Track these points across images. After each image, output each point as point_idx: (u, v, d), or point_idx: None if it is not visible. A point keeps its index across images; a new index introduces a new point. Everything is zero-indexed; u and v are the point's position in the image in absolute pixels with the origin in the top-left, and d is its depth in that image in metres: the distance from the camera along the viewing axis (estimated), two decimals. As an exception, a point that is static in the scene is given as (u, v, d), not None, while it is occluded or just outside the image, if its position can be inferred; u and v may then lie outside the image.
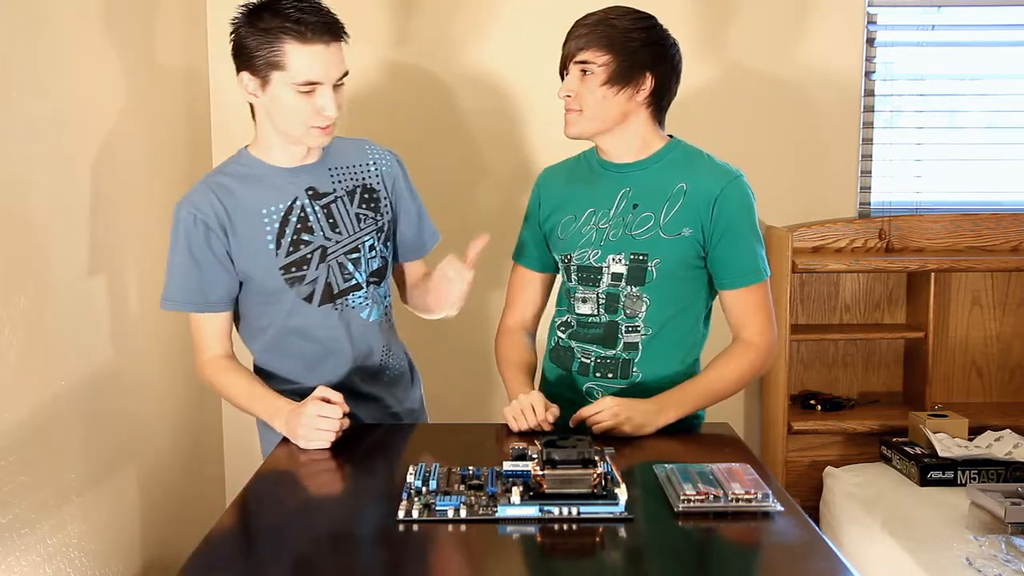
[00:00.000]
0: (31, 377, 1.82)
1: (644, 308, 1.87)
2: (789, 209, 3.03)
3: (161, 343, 2.50)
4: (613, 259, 1.87)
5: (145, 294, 2.41)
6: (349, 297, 1.88)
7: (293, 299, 1.84)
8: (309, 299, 1.84)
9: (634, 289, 1.86)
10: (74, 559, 1.97)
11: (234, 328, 1.94)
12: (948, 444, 2.68)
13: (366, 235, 1.89)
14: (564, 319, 1.98)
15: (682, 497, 1.43)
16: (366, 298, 1.90)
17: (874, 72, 3.02)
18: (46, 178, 1.90)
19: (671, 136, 1.95)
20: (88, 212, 2.09)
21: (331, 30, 1.72)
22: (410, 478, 1.50)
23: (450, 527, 1.38)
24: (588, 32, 1.83)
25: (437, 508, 1.40)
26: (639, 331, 1.87)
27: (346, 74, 1.77)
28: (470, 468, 1.55)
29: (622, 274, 1.87)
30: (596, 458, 1.44)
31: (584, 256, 1.90)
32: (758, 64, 2.97)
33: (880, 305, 3.08)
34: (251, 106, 1.83)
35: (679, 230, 1.84)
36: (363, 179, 1.91)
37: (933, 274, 2.90)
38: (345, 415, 1.70)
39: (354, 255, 1.87)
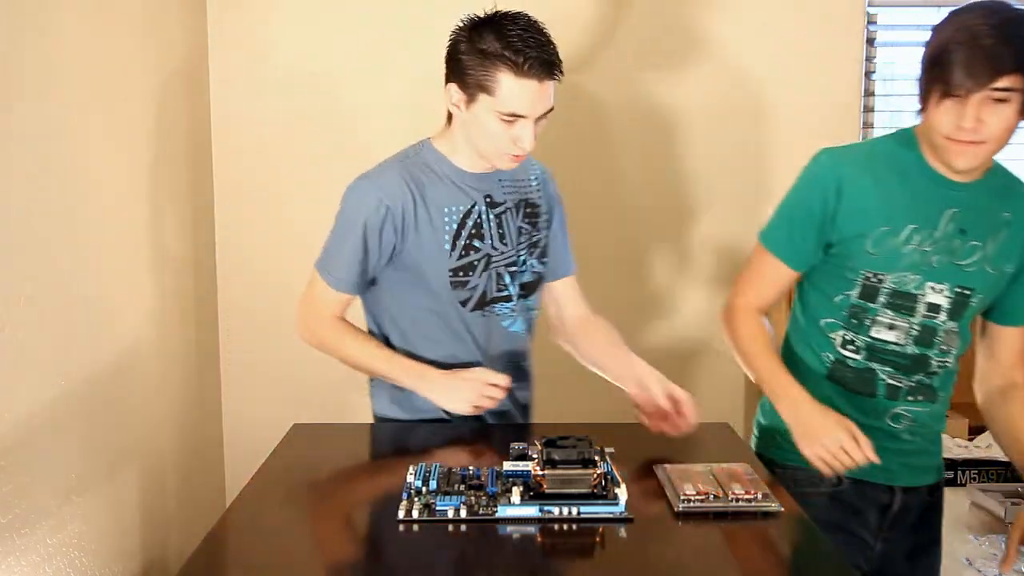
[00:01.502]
0: (31, 377, 1.82)
1: (957, 342, 1.75)
2: (789, 209, 3.03)
3: (162, 343, 2.50)
4: (932, 288, 1.69)
5: (145, 294, 2.41)
6: (497, 306, 1.88)
7: (451, 300, 1.84)
8: (464, 303, 1.85)
9: (952, 324, 1.72)
10: (74, 559, 1.97)
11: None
12: (948, 444, 2.68)
13: (524, 249, 1.90)
14: (848, 337, 1.76)
15: (682, 497, 1.43)
16: (513, 310, 1.90)
17: (874, 72, 3.02)
18: (46, 179, 1.90)
19: None
20: (88, 213, 2.09)
21: (548, 68, 1.68)
22: (410, 478, 1.50)
23: (450, 527, 1.38)
24: (1008, 51, 1.52)
25: (437, 508, 1.40)
26: (947, 366, 1.77)
27: (551, 110, 1.74)
28: (470, 468, 1.55)
29: (941, 306, 1.70)
30: (596, 458, 1.44)
31: (903, 281, 1.70)
32: (758, 65, 2.97)
33: (880, 305, 3.08)
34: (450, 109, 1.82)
35: (1003, 264, 1.71)
36: (526, 193, 1.92)
37: (933, 274, 2.89)
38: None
39: (512, 268, 1.88)
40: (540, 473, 1.42)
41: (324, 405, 2.92)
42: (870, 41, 3.00)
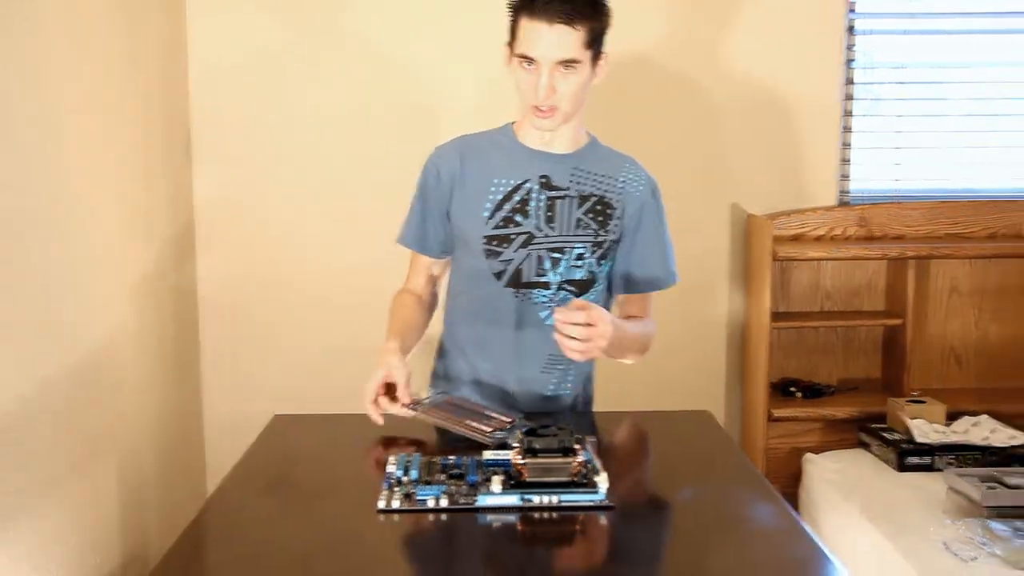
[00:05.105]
0: (7, 370, 1.81)
1: None
2: (770, 197, 3.04)
3: (141, 335, 2.48)
4: None
5: (124, 286, 2.39)
6: (534, 292, 1.86)
7: (487, 270, 1.86)
8: (499, 276, 1.86)
9: None
10: (53, 552, 1.96)
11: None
12: (925, 430, 2.71)
13: (578, 241, 1.85)
14: None
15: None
16: (551, 300, 1.86)
17: (854, 60, 3.03)
18: (21, 172, 1.88)
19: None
20: (67, 204, 2.07)
21: (559, 12, 1.69)
22: (391, 468, 1.50)
23: (431, 516, 1.38)
24: None
25: (418, 498, 1.41)
26: None
27: (573, 61, 1.72)
28: (451, 457, 1.55)
29: None
30: (576, 446, 1.44)
31: None
32: (739, 54, 2.98)
33: (860, 292, 3.10)
34: None
35: None
36: (603, 191, 1.87)
37: (912, 261, 2.92)
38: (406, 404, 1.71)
39: (556, 254, 1.85)
40: (521, 462, 1.42)
41: (305, 395, 2.92)
42: (850, 29, 3.01)
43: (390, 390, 1.71)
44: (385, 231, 2.08)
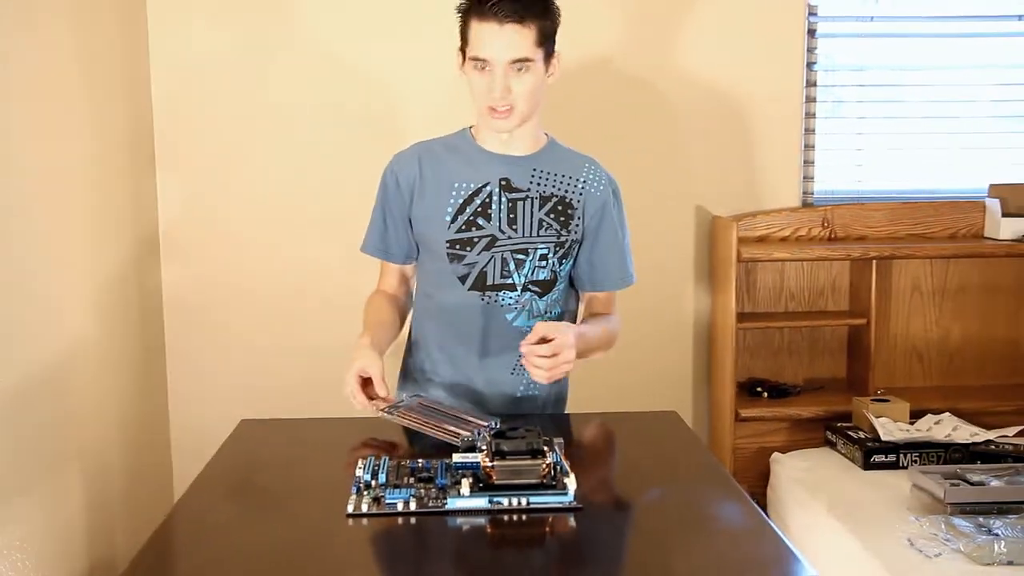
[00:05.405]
0: (-32, 376, 1.78)
1: None
2: (734, 199, 3.07)
3: (105, 339, 2.46)
4: None
5: (88, 291, 2.37)
6: (500, 294, 1.87)
7: (451, 274, 1.87)
8: (463, 280, 1.86)
9: None
10: (16, 561, 1.93)
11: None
12: (890, 428, 2.74)
13: (541, 242, 1.86)
14: None
15: None
16: (517, 302, 1.87)
17: (815, 63, 3.06)
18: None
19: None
20: (28, 209, 2.04)
21: (508, 11, 1.70)
22: (359, 472, 1.50)
23: (400, 520, 1.38)
24: None
25: (387, 501, 1.40)
26: None
27: (526, 60, 1.73)
28: (419, 461, 1.54)
29: None
30: (545, 448, 1.44)
31: None
32: (701, 56, 3.00)
33: (824, 293, 3.13)
34: None
35: None
36: (563, 191, 1.88)
37: (875, 262, 2.96)
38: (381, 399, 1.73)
39: (520, 256, 1.86)
40: (489, 464, 1.42)
41: (272, 399, 2.90)
42: (811, 32, 3.04)
43: (366, 384, 1.72)
44: (350, 234, 2.07)
